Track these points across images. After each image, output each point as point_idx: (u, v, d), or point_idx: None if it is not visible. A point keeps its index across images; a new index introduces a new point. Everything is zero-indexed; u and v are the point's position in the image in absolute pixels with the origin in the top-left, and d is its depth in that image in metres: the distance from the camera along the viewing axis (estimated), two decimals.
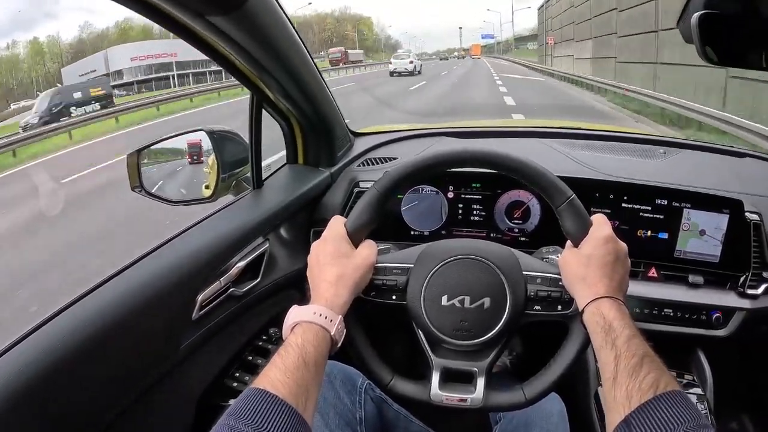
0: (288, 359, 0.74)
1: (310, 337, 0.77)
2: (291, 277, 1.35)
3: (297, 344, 0.76)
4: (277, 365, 0.73)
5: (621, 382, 0.70)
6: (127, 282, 0.94)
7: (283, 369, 0.72)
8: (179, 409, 1.10)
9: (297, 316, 0.81)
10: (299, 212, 1.40)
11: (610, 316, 0.78)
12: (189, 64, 36.04)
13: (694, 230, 1.36)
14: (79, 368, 0.81)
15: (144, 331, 0.93)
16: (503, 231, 1.46)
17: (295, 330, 0.79)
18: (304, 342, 0.76)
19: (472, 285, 0.90)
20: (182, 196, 1.33)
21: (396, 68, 29.44)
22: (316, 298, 0.85)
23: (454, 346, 0.91)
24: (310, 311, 0.81)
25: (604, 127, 2.19)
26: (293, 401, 0.69)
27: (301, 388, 0.71)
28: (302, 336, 0.77)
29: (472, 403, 0.90)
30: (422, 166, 0.93)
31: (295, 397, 0.70)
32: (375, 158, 1.67)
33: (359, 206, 0.93)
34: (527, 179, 0.92)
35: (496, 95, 15.51)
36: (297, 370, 0.72)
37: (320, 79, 1.35)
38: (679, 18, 0.83)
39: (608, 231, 0.87)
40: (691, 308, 1.35)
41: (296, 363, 0.73)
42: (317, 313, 0.80)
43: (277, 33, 1.07)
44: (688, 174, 1.50)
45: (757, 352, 1.69)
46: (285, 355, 0.74)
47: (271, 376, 0.71)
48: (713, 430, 0.62)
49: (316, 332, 0.79)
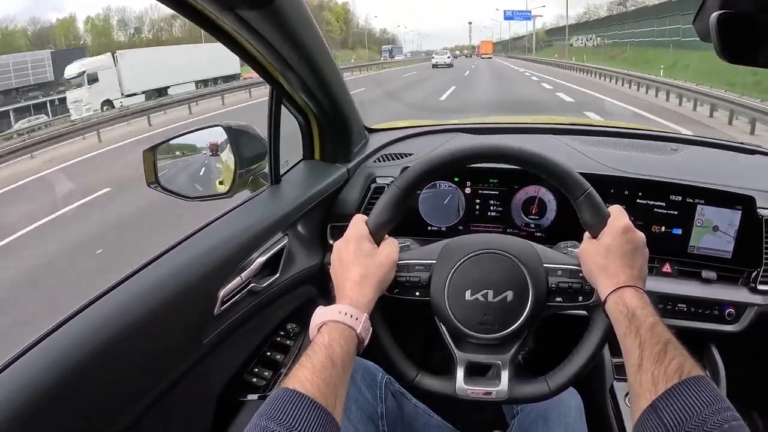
0: (316, 359, 0.74)
1: (336, 336, 0.78)
2: (309, 272, 1.35)
3: (324, 344, 0.77)
4: (305, 366, 0.74)
5: (646, 369, 0.71)
6: (149, 279, 0.94)
7: (311, 369, 0.73)
8: (200, 404, 1.11)
9: (323, 317, 0.81)
10: (317, 208, 1.40)
11: (632, 305, 0.80)
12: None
13: (708, 226, 1.37)
14: (103, 366, 0.81)
15: (167, 328, 0.93)
16: (519, 226, 1.47)
17: (322, 330, 0.80)
18: (331, 341, 0.77)
19: (494, 279, 0.92)
20: (198, 192, 1.33)
21: (437, 62, 40.05)
22: (342, 297, 0.86)
23: (477, 339, 0.92)
24: (336, 311, 0.81)
25: (614, 124, 2.19)
26: (322, 400, 0.70)
27: (329, 387, 0.72)
28: (329, 335, 0.78)
29: (498, 395, 0.91)
30: (442, 162, 0.94)
31: (324, 396, 0.70)
32: (391, 154, 1.67)
33: (380, 204, 0.93)
34: (545, 173, 0.93)
35: None
36: (325, 369, 0.73)
37: (340, 77, 1.36)
38: (695, 17, 0.84)
39: (626, 221, 0.88)
40: (704, 303, 1.36)
41: (324, 362, 0.74)
42: (342, 312, 0.81)
43: (304, 29, 1.07)
44: (700, 170, 1.51)
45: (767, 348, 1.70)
46: (312, 355, 0.75)
47: (300, 376, 0.72)
48: (735, 412, 0.64)
49: (342, 331, 0.79)
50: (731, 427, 0.61)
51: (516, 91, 19.85)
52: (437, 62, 40.18)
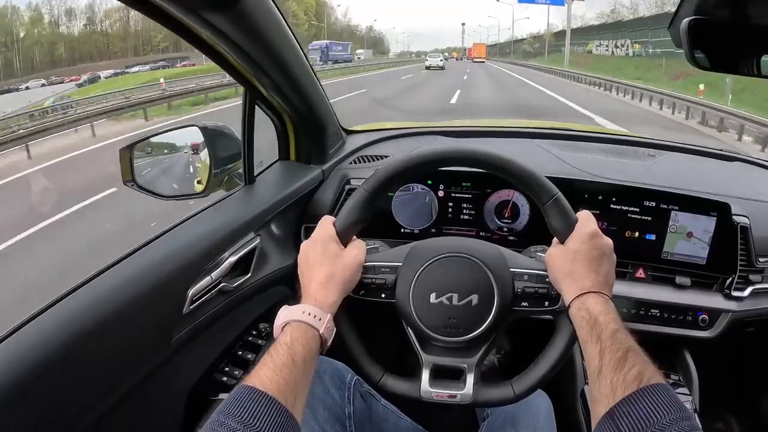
0: (277, 357, 0.75)
1: (299, 335, 0.79)
2: (281, 272, 1.36)
3: (286, 343, 0.77)
4: (266, 364, 0.74)
5: (606, 375, 0.71)
6: (119, 276, 0.95)
7: (272, 367, 0.73)
8: (170, 403, 1.11)
9: (287, 316, 0.82)
10: (290, 208, 1.41)
11: (595, 311, 0.80)
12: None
13: (682, 232, 1.38)
14: (71, 362, 0.82)
15: (135, 325, 0.94)
16: (492, 230, 1.48)
17: (285, 329, 0.80)
18: (293, 340, 0.78)
19: (459, 282, 0.92)
20: (174, 191, 1.33)
21: (430, 64, 43.06)
22: (306, 297, 0.86)
23: (443, 342, 0.92)
24: (300, 310, 0.82)
25: (593, 129, 2.22)
26: (282, 398, 0.70)
27: (289, 385, 0.73)
28: (291, 335, 0.79)
29: (462, 398, 0.92)
30: (410, 165, 0.95)
31: (283, 394, 0.71)
32: (367, 156, 1.68)
33: (348, 206, 0.94)
34: (514, 178, 0.93)
35: None
36: (285, 367, 0.74)
37: (314, 77, 1.36)
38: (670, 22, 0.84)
39: (593, 227, 0.88)
40: (677, 309, 1.37)
41: (285, 361, 0.75)
42: (306, 312, 0.82)
43: (272, 30, 1.07)
44: (676, 176, 1.53)
45: (742, 353, 1.73)
46: (274, 354, 0.76)
47: (261, 374, 0.72)
48: (696, 422, 0.64)
49: (305, 331, 0.80)
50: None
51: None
52: (430, 64, 43.34)
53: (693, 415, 0.65)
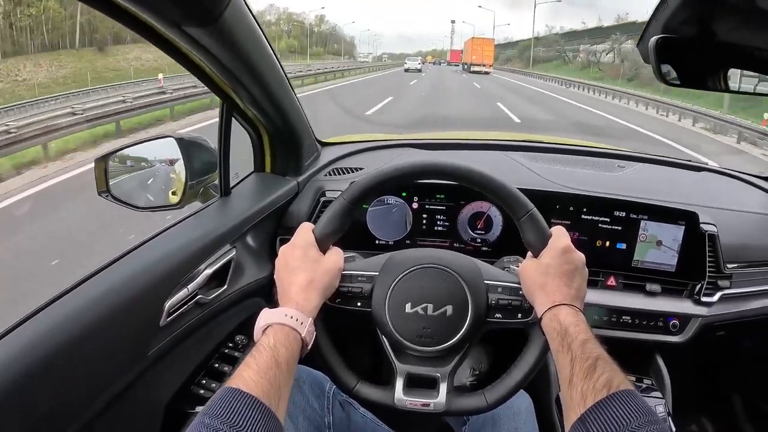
0: (261, 359, 0.75)
1: (281, 338, 0.80)
2: (257, 284, 1.36)
3: (269, 345, 0.78)
4: (250, 365, 0.75)
5: (576, 384, 0.74)
6: (94, 289, 0.93)
7: (256, 369, 0.74)
8: (147, 416, 1.09)
9: (268, 318, 0.83)
10: (266, 220, 1.41)
11: (566, 322, 0.82)
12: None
13: (652, 241, 1.43)
14: (45, 377, 0.80)
15: (111, 339, 0.92)
16: (466, 241, 1.50)
17: (267, 332, 0.81)
18: (276, 343, 0.78)
19: (434, 293, 0.94)
20: (149, 202, 1.32)
21: (409, 67, 45.71)
22: (286, 301, 0.87)
23: (417, 352, 0.94)
24: (281, 313, 0.83)
25: (565, 141, 2.26)
26: (266, 400, 0.71)
27: (274, 387, 0.73)
28: (274, 337, 0.79)
29: (435, 407, 0.93)
30: (388, 177, 0.97)
31: (268, 396, 0.72)
32: (342, 168, 1.69)
33: (327, 215, 0.95)
34: (490, 192, 0.96)
35: None
36: (269, 370, 0.74)
37: (290, 90, 1.37)
38: (639, 40, 0.88)
39: (567, 242, 0.91)
40: (648, 315, 1.42)
41: (269, 363, 0.75)
42: (288, 315, 0.83)
43: (251, 45, 1.08)
44: (645, 187, 1.58)
45: (712, 357, 1.79)
46: (258, 356, 0.76)
47: (245, 376, 0.73)
48: (665, 425, 0.66)
49: (287, 334, 0.81)
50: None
51: None
52: (408, 67, 46.50)
53: (661, 419, 0.68)
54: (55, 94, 17.08)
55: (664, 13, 0.80)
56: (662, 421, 0.68)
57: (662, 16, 0.81)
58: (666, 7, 0.79)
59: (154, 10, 0.84)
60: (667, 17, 0.80)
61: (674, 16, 0.79)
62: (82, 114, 9.94)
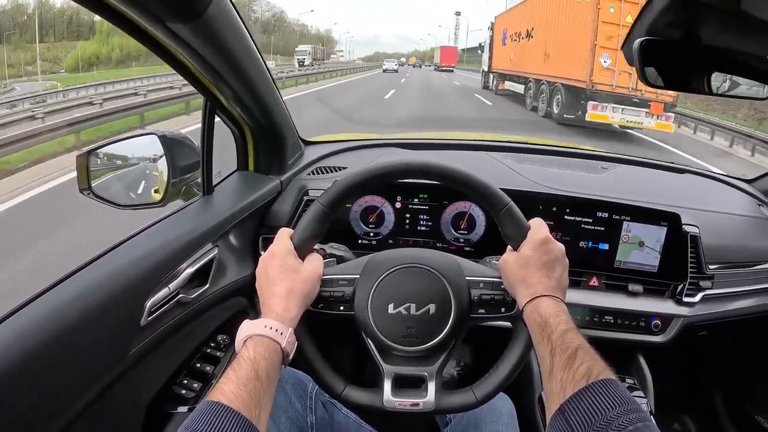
0: (241, 372, 0.75)
1: (261, 350, 0.79)
2: (240, 283, 1.35)
3: (249, 357, 0.77)
4: (230, 378, 0.74)
5: (556, 374, 0.74)
6: (74, 288, 0.92)
7: (236, 382, 0.73)
8: (128, 416, 1.08)
9: (249, 330, 0.82)
10: (248, 219, 1.40)
11: (546, 313, 0.83)
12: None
13: (634, 242, 1.44)
14: (24, 377, 0.79)
15: (91, 338, 0.91)
16: (449, 241, 1.51)
17: (247, 344, 0.80)
18: (256, 355, 0.78)
19: (416, 292, 0.94)
20: (131, 200, 1.30)
21: (387, 68, 49.71)
22: (267, 312, 0.86)
23: (403, 352, 0.94)
24: (261, 325, 0.82)
25: (549, 142, 2.28)
26: (247, 413, 0.70)
27: (254, 400, 0.73)
28: (254, 349, 0.79)
29: (425, 406, 0.93)
30: (365, 178, 0.96)
31: (248, 409, 0.71)
32: (325, 167, 1.69)
33: (305, 220, 0.95)
34: (468, 189, 0.96)
35: None
36: (249, 382, 0.74)
37: (274, 88, 1.36)
38: (624, 42, 0.89)
39: (545, 233, 0.92)
40: (631, 315, 1.43)
41: (249, 376, 0.75)
42: (268, 326, 0.82)
43: (234, 41, 1.07)
44: (628, 188, 1.60)
45: (694, 356, 1.81)
46: (238, 369, 0.76)
47: (225, 389, 0.72)
48: (645, 414, 0.67)
49: (267, 345, 0.80)
50: (636, 428, 0.63)
51: None
52: (387, 68, 50.38)
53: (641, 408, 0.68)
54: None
55: (649, 15, 0.80)
56: (642, 410, 0.67)
57: (647, 19, 0.81)
58: (651, 10, 0.79)
59: (137, 6, 0.83)
60: (652, 20, 0.81)
61: (659, 19, 0.80)
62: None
